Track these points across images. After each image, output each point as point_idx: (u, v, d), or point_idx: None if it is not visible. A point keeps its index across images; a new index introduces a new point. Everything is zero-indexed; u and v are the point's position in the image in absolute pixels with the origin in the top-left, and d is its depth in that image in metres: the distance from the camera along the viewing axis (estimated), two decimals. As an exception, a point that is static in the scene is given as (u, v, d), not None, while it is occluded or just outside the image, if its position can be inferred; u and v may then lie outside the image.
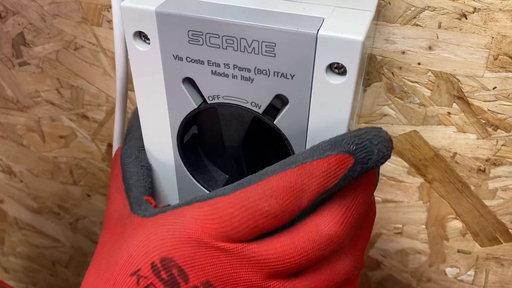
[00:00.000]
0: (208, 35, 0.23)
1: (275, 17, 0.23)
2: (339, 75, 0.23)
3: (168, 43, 0.25)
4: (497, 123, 0.33)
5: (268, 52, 0.23)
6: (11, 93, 0.49)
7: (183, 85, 0.26)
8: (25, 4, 0.41)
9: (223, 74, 0.25)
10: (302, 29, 0.22)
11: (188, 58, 0.25)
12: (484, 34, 0.30)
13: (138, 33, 0.25)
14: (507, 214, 0.37)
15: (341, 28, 0.22)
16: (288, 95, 0.24)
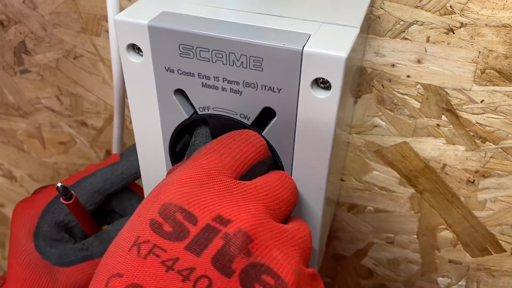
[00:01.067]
0: (198, 49, 0.24)
1: (263, 32, 0.24)
2: (324, 90, 0.23)
3: (160, 56, 0.25)
4: (485, 136, 0.34)
5: (255, 66, 0.24)
6: (12, 99, 0.50)
7: (174, 96, 0.27)
8: (26, 13, 0.42)
9: (213, 87, 0.25)
10: (288, 45, 0.22)
11: (180, 71, 0.25)
12: (471, 48, 0.31)
13: (132, 45, 0.26)
14: (497, 225, 0.38)
15: (326, 44, 0.22)
16: (275, 108, 0.25)
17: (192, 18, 0.25)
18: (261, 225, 0.20)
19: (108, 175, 0.35)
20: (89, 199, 0.33)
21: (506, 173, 0.35)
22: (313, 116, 0.24)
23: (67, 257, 0.29)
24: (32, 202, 0.32)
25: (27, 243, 0.29)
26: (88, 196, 0.33)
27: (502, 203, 0.36)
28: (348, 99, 0.30)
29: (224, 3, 0.28)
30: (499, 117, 0.33)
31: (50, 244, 0.29)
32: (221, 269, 0.18)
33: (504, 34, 0.29)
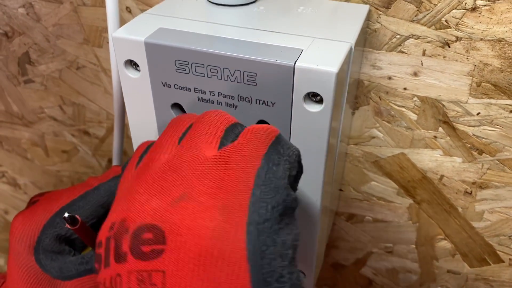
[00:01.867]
0: (194, 64, 0.25)
1: (256, 48, 0.24)
2: (316, 103, 0.24)
3: (157, 71, 0.26)
4: (481, 148, 0.34)
5: (249, 81, 0.24)
6: (16, 108, 0.51)
7: (172, 109, 0.27)
8: (30, 25, 0.43)
9: (208, 101, 0.26)
10: (280, 61, 0.23)
11: (176, 85, 0.26)
12: (466, 62, 0.31)
13: (129, 61, 0.27)
14: (495, 236, 0.38)
15: (318, 59, 0.23)
16: (269, 121, 0.25)
17: (187, 34, 0.26)
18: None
19: (112, 189, 0.35)
20: (92, 213, 0.34)
21: (503, 185, 0.35)
22: (307, 129, 0.25)
23: (67, 270, 0.29)
24: (32, 214, 0.32)
25: (27, 256, 0.29)
26: (92, 211, 0.34)
27: (500, 214, 0.37)
28: (346, 111, 0.30)
29: (220, 19, 0.28)
30: (495, 129, 0.33)
31: (51, 257, 0.30)
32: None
33: (499, 48, 0.30)
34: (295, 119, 0.24)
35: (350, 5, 0.31)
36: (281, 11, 0.29)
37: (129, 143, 0.47)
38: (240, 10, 0.30)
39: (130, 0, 0.38)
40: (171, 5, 0.30)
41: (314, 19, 0.28)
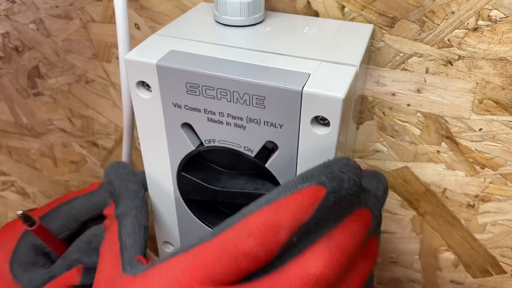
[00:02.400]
0: (204, 87, 0.25)
1: (265, 72, 0.25)
2: (323, 126, 0.24)
3: (168, 93, 0.27)
4: (484, 162, 0.35)
5: (258, 104, 0.25)
6: (26, 120, 0.52)
7: (182, 129, 0.28)
8: (40, 40, 0.44)
9: (218, 121, 0.27)
10: (288, 86, 0.24)
11: (186, 106, 0.27)
12: (469, 79, 0.32)
13: (141, 82, 0.27)
14: (497, 247, 0.39)
15: (325, 84, 0.24)
16: (277, 142, 0.26)
17: (198, 57, 0.26)
18: None
19: (84, 203, 0.36)
20: (64, 224, 0.35)
21: (505, 198, 0.36)
22: (314, 150, 0.25)
23: (35, 281, 0.30)
24: (13, 225, 0.33)
25: (3, 265, 0.30)
26: (64, 222, 0.35)
27: (502, 226, 0.37)
28: (351, 126, 0.31)
29: (228, 40, 0.29)
30: (497, 144, 0.34)
31: (24, 267, 0.31)
32: None
33: (501, 67, 0.30)
34: (302, 140, 0.25)
35: (354, 25, 0.32)
36: (287, 31, 0.30)
37: (137, 155, 0.48)
38: (247, 31, 0.30)
39: (138, 17, 0.39)
40: (180, 25, 0.31)
41: (320, 40, 0.29)
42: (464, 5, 0.29)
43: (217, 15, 0.31)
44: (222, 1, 0.30)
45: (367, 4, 0.31)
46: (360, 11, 0.32)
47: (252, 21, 0.31)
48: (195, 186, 0.30)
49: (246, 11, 0.30)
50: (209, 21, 0.32)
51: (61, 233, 0.35)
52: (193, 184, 0.30)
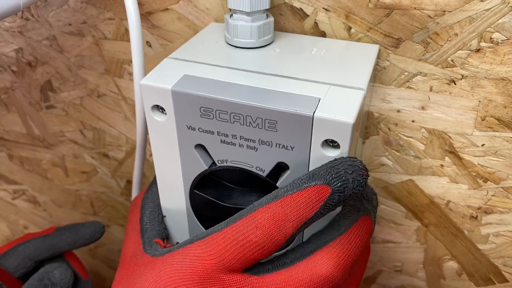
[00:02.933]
0: (218, 111, 0.27)
1: (276, 96, 0.26)
2: (333, 148, 0.26)
3: (183, 116, 0.28)
4: (486, 176, 0.36)
5: (270, 127, 0.26)
6: (38, 132, 0.53)
7: (195, 150, 0.29)
8: (53, 56, 0.45)
9: (231, 143, 0.28)
10: (300, 111, 0.25)
11: (200, 129, 0.28)
12: (471, 98, 0.33)
13: (156, 106, 0.28)
14: (500, 257, 0.40)
15: (335, 109, 0.25)
16: (288, 163, 0.27)
17: (211, 82, 0.27)
18: None
19: (39, 245, 0.39)
20: (20, 263, 0.39)
21: (507, 210, 0.37)
22: None
23: None
24: None
25: None
26: (19, 261, 0.39)
27: (504, 237, 0.38)
28: (357, 141, 0.32)
29: (239, 63, 0.30)
30: (499, 159, 0.35)
31: None
32: None
33: (502, 86, 0.32)
34: (313, 161, 0.26)
35: (361, 45, 0.33)
36: (296, 53, 0.31)
37: (148, 166, 0.49)
38: (257, 53, 0.31)
39: (150, 35, 0.40)
40: (192, 47, 0.32)
41: (328, 62, 0.30)
42: (467, 28, 0.30)
43: (228, 37, 0.32)
44: (233, 25, 0.31)
45: (373, 26, 0.32)
46: (366, 32, 0.33)
47: (262, 43, 0.32)
48: (207, 203, 0.31)
49: (256, 34, 0.31)
50: (220, 43, 0.33)
51: (17, 271, 0.39)
52: (205, 201, 0.31)
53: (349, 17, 0.33)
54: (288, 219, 0.23)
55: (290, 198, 0.24)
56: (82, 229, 0.41)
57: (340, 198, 0.23)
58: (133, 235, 0.31)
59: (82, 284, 0.40)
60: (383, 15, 0.32)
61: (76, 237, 0.40)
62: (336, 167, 0.23)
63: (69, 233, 0.40)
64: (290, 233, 0.24)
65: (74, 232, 0.40)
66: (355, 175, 0.23)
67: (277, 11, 0.34)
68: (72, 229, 0.41)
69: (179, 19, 0.38)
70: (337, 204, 0.24)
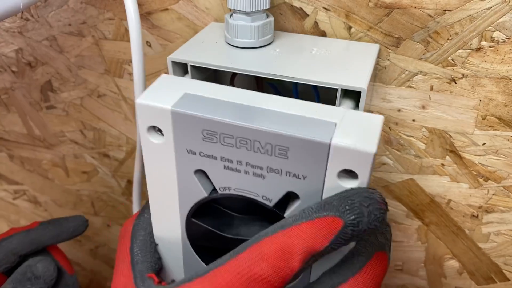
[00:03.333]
0: (222, 135, 0.24)
1: (288, 120, 0.23)
2: (351, 179, 0.22)
3: (182, 139, 0.25)
4: (487, 175, 0.36)
5: (281, 154, 0.23)
6: (38, 132, 0.53)
7: (195, 175, 0.26)
8: (53, 56, 0.45)
9: (235, 170, 0.25)
10: (315, 137, 0.22)
11: (202, 153, 0.25)
12: (472, 97, 0.33)
13: (153, 127, 0.25)
14: (501, 256, 0.40)
15: (354, 136, 0.22)
16: (299, 193, 0.24)
17: (215, 102, 0.24)
18: None
19: (22, 239, 0.40)
20: (3, 258, 0.38)
21: (508, 209, 0.37)
22: None
23: None
24: None
25: None
26: (3, 256, 0.39)
27: (505, 236, 0.38)
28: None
29: (240, 63, 0.30)
30: (500, 158, 0.35)
31: None
32: None
33: (503, 85, 0.31)
34: (327, 192, 0.23)
35: (361, 45, 0.33)
36: (296, 53, 0.31)
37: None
38: (258, 53, 0.31)
39: (150, 35, 0.40)
40: (192, 48, 0.32)
41: (328, 62, 0.30)
42: (467, 27, 0.30)
43: (228, 37, 0.32)
44: (233, 25, 0.31)
45: (373, 25, 0.32)
46: (366, 31, 0.33)
47: (262, 43, 0.32)
48: (205, 233, 0.28)
49: (256, 34, 0.31)
50: (220, 43, 0.33)
51: (1, 266, 0.39)
52: (203, 231, 0.28)
53: (349, 17, 0.33)
54: (294, 251, 0.21)
55: (298, 229, 0.21)
56: (65, 223, 0.40)
57: (353, 232, 0.21)
58: (124, 267, 0.28)
59: (67, 277, 0.39)
60: (384, 14, 0.32)
61: (59, 231, 0.40)
62: (350, 198, 0.21)
63: (52, 227, 0.40)
64: (297, 266, 0.21)
65: (58, 226, 0.40)
66: (372, 208, 0.21)
67: (277, 10, 0.34)
68: (56, 224, 0.41)
69: (179, 19, 0.38)
70: (350, 239, 0.21)
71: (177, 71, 0.32)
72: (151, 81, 0.42)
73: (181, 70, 0.32)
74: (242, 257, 0.22)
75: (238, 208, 0.29)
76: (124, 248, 0.29)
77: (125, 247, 0.29)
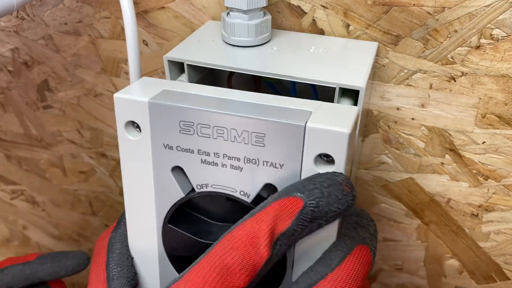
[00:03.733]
0: (199, 125, 0.24)
1: (264, 109, 0.23)
2: (327, 164, 0.23)
3: (160, 133, 0.25)
4: (487, 174, 0.35)
5: (257, 142, 0.23)
6: (35, 132, 0.53)
7: (172, 173, 0.26)
8: (49, 55, 0.45)
9: (212, 163, 0.25)
10: (290, 121, 0.22)
11: (179, 147, 0.25)
12: (472, 95, 0.32)
13: (131, 122, 0.25)
14: (501, 255, 0.39)
15: (329, 120, 0.22)
16: (277, 185, 0.24)
17: (193, 96, 0.25)
18: None
19: (18, 273, 0.38)
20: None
21: (508, 208, 0.36)
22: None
23: None
24: None
25: None
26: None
27: (505, 235, 0.38)
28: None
29: (237, 62, 0.29)
30: (500, 157, 0.34)
31: None
32: None
33: (503, 83, 0.31)
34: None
35: (359, 43, 0.32)
36: (294, 51, 0.31)
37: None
38: (255, 51, 0.31)
39: (147, 34, 0.39)
40: (188, 46, 0.32)
41: (326, 60, 0.30)
42: (466, 24, 0.30)
43: (225, 36, 0.32)
44: (230, 23, 0.31)
45: (372, 23, 0.32)
46: (364, 30, 0.32)
47: (260, 41, 0.32)
48: (183, 240, 0.27)
49: (253, 32, 0.31)
50: (217, 41, 0.33)
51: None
52: (180, 238, 0.27)
53: (347, 14, 0.32)
54: (261, 236, 0.21)
55: (264, 213, 0.21)
56: (64, 260, 0.37)
57: (314, 213, 0.21)
58: (98, 284, 0.27)
59: None
60: (382, 12, 0.31)
61: (57, 268, 0.37)
62: (313, 180, 0.21)
63: (50, 263, 0.38)
64: (266, 252, 0.21)
65: (56, 263, 0.37)
66: (332, 189, 0.21)
67: (275, 8, 0.34)
68: (55, 259, 0.37)
69: (176, 18, 0.37)
70: (314, 220, 0.21)
71: (174, 70, 0.31)
72: (148, 80, 0.42)
73: (177, 69, 0.31)
74: (214, 251, 0.22)
75: (217, 214, 0.28)
76: (100, 264, 0.28)
77: (101, 263, 0.28)
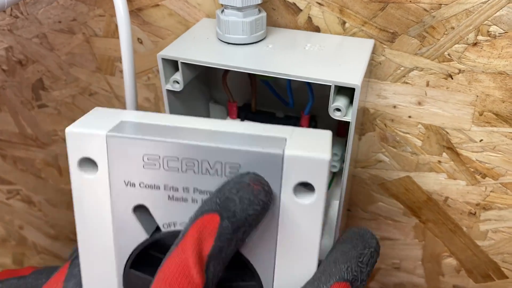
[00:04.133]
0: (166, 158, 0.21)
1: (237, 138, 0.22)
2: (307, 193, 0.21)
3: (119, 169, 0.22)
4: (485, 172, 0.35)
5: (232, 173, 0.21)
6: (30, 131, 0.52)
7: (134, 213, 0.23)
8: (44, 54, 0.44)
9: (181, 199, 0.22)
10: (267, 149, 0.21)
11: (142, 184, 0.22)
12: (469, 92, 0.32)
13: (85, 159, 0.22)
14: (499, 253, 0.39)
15: (305, 147, 0.21)
16: None
17: (155, 126, 0.22)
18: None
19: (12, 287, 0.37)
20: None
21: (506, 206, 0.36)
22: (296, 223, 0.22)
23: None
24: None
25: None
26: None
27: (503, 233, 0.38)
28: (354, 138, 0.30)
29: (232, 60, 0.29)
30: (497, 155, 0.34)
31: None
32: None
33: (500, 80, 0.31)
34: (283, 212, 0.22)
35: (355, 40, 0.32)
36: (289, 49, 0.31)
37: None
38: (250, 49, 0.31)
39: (141, 32, 0.39)
40: (183, 43, 0.31)
41: (322, 58, 0.29)
42: (463, 21, 0.30)
43: (219, 34, 0.31)
44: (225, 20, 0.31)
45: (368, 20, 0.32)
46: (361, 27, 0.32)
47: (255, 39, 0.31)
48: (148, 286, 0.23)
49: (248, 30, 0.31)
50: (211, 39, 0.32)
51: None
52: (145, 283, 0.24)
53: (343, 12, 0.32)
54: (190, 265, 0.19)
55: (186, 239, 0.19)
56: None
57: (234, 224, 0.19)
58: None
59: None
60: (378, 9, 0.31)
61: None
62: (221, 190, 0.20)
63: (45, 279, 0.38)
64: (201, 279, 0.19)
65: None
66: (243, 193, 0.19)
67: (270, 6, 0.34)
68: (50, 274, 0.38)
69: (170, 15, 0.37)
70: (235, 230, 0.19)
71: (168, 68, 0.31)
72: (143, 79, 0.42)
73: (171, 67, 0.31)
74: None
75: None
76: None
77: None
